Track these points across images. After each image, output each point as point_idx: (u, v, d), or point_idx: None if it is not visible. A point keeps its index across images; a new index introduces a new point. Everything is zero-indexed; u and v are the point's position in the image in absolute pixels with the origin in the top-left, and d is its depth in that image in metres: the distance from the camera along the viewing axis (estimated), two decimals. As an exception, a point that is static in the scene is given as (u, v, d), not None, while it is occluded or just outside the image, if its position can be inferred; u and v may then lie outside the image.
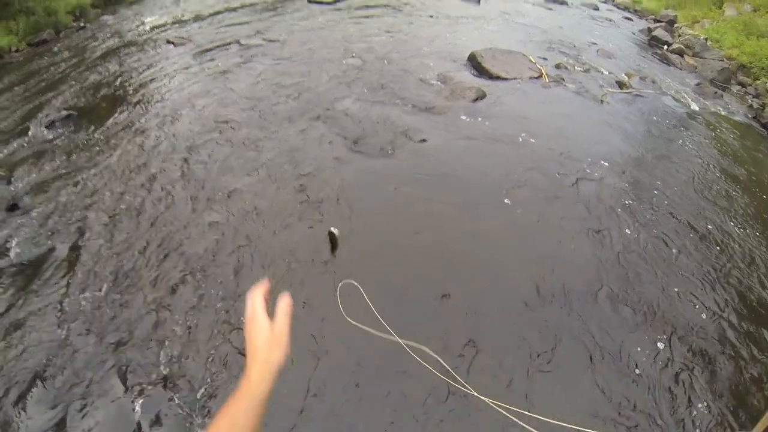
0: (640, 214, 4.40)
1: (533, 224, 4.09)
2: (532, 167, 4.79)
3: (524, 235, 3.97)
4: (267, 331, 0.87)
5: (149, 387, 2.89)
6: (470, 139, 5.15)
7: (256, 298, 0.92)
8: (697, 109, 7.49)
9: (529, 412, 2.40)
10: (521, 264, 3.67)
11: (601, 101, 6.82)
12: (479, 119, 5.55)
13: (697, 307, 3.56)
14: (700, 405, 2.89)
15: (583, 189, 4.59)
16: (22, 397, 2.90)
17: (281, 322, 0.88)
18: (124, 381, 2.94)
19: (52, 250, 4.01)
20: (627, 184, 4.81)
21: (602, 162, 5.09)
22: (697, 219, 4.50)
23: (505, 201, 4.31)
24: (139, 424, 2.71)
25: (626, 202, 4.53)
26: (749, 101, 8.55)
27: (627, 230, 4.16)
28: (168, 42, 8.40)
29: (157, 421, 2.72)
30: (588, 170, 4.89)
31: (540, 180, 4.65)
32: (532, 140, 5.27)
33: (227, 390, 2.84)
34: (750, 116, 7.77)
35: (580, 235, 4.00)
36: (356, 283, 2.23)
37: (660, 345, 3.22)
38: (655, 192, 4.80)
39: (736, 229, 4.47)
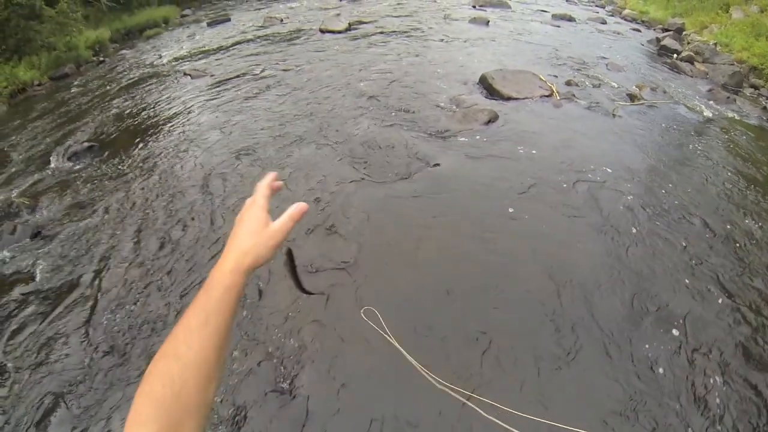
0: (657, 218, 4.40)
1: (554, 241, 4.08)
2: (547, 184, 4.80)
3: (545, 253, 3.95)
4: (260, 222, 0.77)
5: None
6: (484, 162, 5.18)
7: (262, 186, 0.83)
8: (710, 115, 7.44)
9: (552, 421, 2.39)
10: (543, 280, 3.66)
11: (613, 115, 6.80)
12: (492, 142, 5.58)
13: (716, 303, 3.54)
14: (719, 403, 2.86)
15: (600, 200, 4.58)
16: (44, 419, 2.99)
17: (282, 221, 0.78)
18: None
19: (75, 276, 4.14)
20: (643, 191, 4.81)
21: (616, 172, 5.08)
22: (713, 219, 4.47)
23: (523, 222, 4.31)
24: None
25: (644, 209, 4.52)
26: (763, 103, 8.48)
27: (650, 235, 4.15)
28: (185, 74, 8.66)
29: None
30: (603, 181, 4.88)
31: (556, 195, 4.66)
32: (546, 158, 5.28)
33: (253, 413, 2.88)
34: (764, 118, 7.72)
35: (608, 254, 3.98)
36: (376, 310, 2.26)
37: (675, 343, 3.21)
38: (670, 196, 4.78)
39: (755, 228, 4.43)
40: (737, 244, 4.20)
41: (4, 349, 3.57)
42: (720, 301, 3.59)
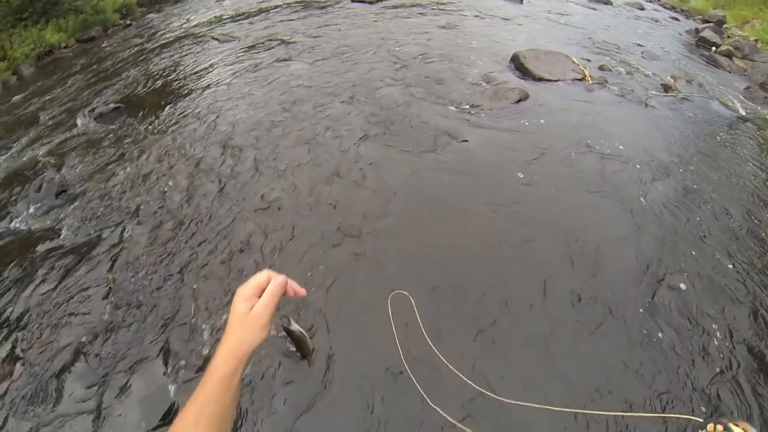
0: (683, 209, 4.28)
1: (582, 225, 3.97)
2: (576, 167, 4.68)
3: (569, 234, 3.86)
4: (243, 309, 0.82)
5: (187, 370, 2.96)
6: (513, 141, 5.06)
7: (259, 276, 0.87)
8: (745, 113, 7.13)
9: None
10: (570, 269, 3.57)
11: (646, 104, 6.58)
12: (522, 120, 5.44)
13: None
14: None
15: (628, 189, 4.45)
16: (64, 371, 3.04)
17: (263, 302, 0.82)
18: (164, 362, 3.02)
19: (98, 234, 4.18)
20: (675, 183, 4.67)
21: (647, 160, 4.94)
22: (732, 207, 4.36)
23: (550, 198, 4.22)
24: (174, 404, 2.78)
25: (674, 201, 4.39)
26: (802, 106, 8.09)
27: (671, 215, 4.07)
28: (213, 39, 8.61)
29: None
30: (632, 170, 4.75)
31: (585, 179, 4.55)
32: (575, 142, 5.13)
33: (267, 377, 2.89)
34: (803, 122, 7.36)
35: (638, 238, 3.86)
36: (408, 294, 2.20)
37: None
38: (695, 186, 4.65)
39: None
40: (754, 233, 4.07)
41: (28, 302, 3.63)
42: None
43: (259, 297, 0.84)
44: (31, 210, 4.73)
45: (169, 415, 2.75)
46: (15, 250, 4.25)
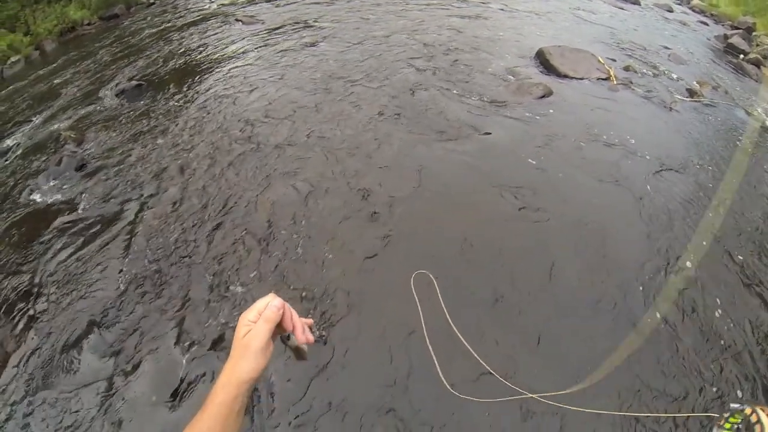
0: (696, 205, 4.26)
1: (597, 222, 3.92)
2: (596, 166, 4.62)
3: (586, 234, 3.80)
4: (241, 334, 0.81)
5: (199, 346, 2.98)
6: (535, 136, 4.99)
7: (261, 300, 0.85)
8: (770, 124, 6.99)
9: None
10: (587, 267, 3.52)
11: (670, 108, 6.45)
12: (545, 117, 5.37)
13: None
14: None
15: (651, 191, 4.37)
16: (78, 341, 3.07)
17: (256, 329, 0.80)
18: (176, 337, 3.04)
19: (116, 209, 4.21)
20: (692, 181, 4.64)
21: (667, 161, 4.86)
22: (752, 209, 4.32)
23: (566, 196, 4.17)
24: (183, 380, 2.79)
25: (689, 197, 4.38)
26: (830, 122, 7.86)
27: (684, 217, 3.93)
28: (237, 20, 8.61)
29: (202, 378, 2.79)
30: (653, 173, 4.66)
31: (604, 177, 4.48)
32: (598, 140, 5.06)
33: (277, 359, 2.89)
34: (830, 138, 7.16)
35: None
36: (430, 274, 2.20)
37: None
38: (710, 185, 4.61)
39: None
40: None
41: (45, 273, 3.67)
42: None
43: None
44: (51, 183, 4.77)
45: (179, 391, 2.76)
46: (34, 222, 4.29)
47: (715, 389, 2.69)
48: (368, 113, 5.35)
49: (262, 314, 0.82)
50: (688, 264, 3.53)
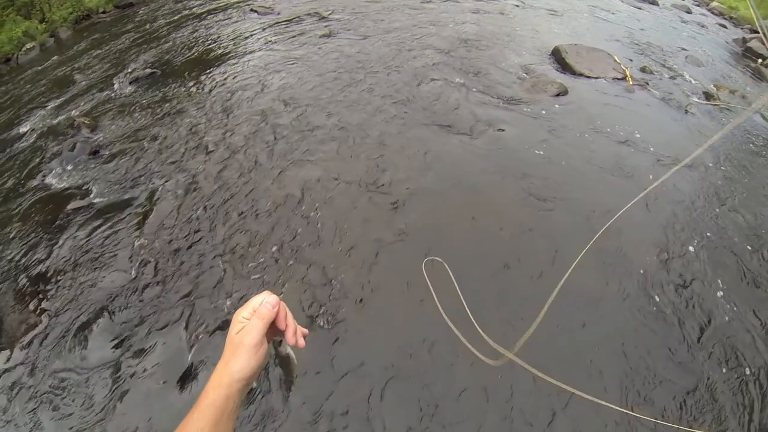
0: (707, 200, 4.30)
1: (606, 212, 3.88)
2: (610, 165, 4.57)
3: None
4: (234, 332, 0.78)
5: (207, 333, 2.99)
6: (549, 133, 4.95)
7: (256, 298, 0.82)
8: (787, 130, 6.86)
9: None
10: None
11: (686, 111, 6.37)
12: (560, 115, 5.31)
13: None
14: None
15: (664, 193, 4.32)
16: (89, 324, 3.10)
17: (249, 326, 0.77)
18: (184, 324, 3.05)
19: (128, 195, 4.22)
20: (703, 178, 4.66)
21: (683, 167, 4.74)
22: (761, 210, 4.29)
23: (580, 192, 4.14)
24: (191, 366, 2.81)
25: (701, 192, 4.42)
26: None
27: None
28: (252, 10, 8.59)
29: (211, 364, 2.79)
30: (668, 173, 4.57)
31: (616, 173, 4.46)
32: (611, 139, 5.01)
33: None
34: None
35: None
36: (442, 260, 2.20)
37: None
38: (719, 183, 4.64)
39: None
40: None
41: (57, 257, 3.69)
42: None
43: None
44: (65, 168, 4.80)
45: (188, 375, 2.76)
46: (47, 207, 4.31)
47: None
48: (382, 104, 5.33)
49: (256, 311, 0.79)
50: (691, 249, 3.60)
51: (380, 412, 2.54)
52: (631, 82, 6.64)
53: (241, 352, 0.76)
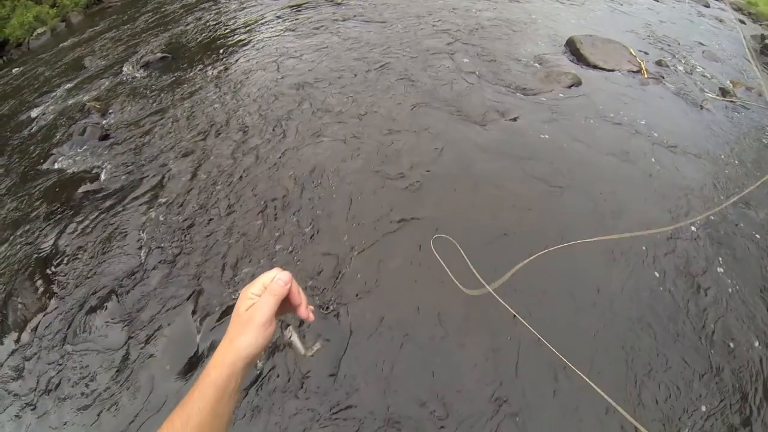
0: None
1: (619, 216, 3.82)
2: (623, 156, 4.51)
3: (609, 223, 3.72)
4: (242, 308, 0.76)
5: (216, 316, 2.99)
6: (562, 125, 4.86)
7: (266, 275, 0.81)
8: (804, 130, 6.73)
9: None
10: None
11: (701, 106, 6.25)
12: (573, 106, 5.21)
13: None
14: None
15: (675, 187, 4.26)
16: (96, 308, 3.11)
17: (260, 302, 0.75)
18: (193, 306, 3.05)
19: (138, 179, 4.23)
20: (713, 171, 4.58)
21: (695, 160, 4.74)
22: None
23: (592, 186, 4.06)
24: (199, 349, 2.82)
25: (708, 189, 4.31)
26: None
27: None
28: (265, -6, 8.51)
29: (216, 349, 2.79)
30: (680, 163, 4.58)
31: (624, 162, 4.41)
32: (624, 131, 4.93)
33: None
34: None
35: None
36: (450, 238, 2.21)
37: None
38: (730, 175, 4.55)
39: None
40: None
41: (66, 240, 3.71)
42: None
43: None
44: (75, 152, 4.81)
45: (195, 359, 2.76)
46: (57, 190, 4.34)
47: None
48: (394, 87, 5.28)
49: (267, 287, 0.77)
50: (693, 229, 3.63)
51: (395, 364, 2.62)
52: (646, 76, 6.51)
53: (249, 328, 0.74)
